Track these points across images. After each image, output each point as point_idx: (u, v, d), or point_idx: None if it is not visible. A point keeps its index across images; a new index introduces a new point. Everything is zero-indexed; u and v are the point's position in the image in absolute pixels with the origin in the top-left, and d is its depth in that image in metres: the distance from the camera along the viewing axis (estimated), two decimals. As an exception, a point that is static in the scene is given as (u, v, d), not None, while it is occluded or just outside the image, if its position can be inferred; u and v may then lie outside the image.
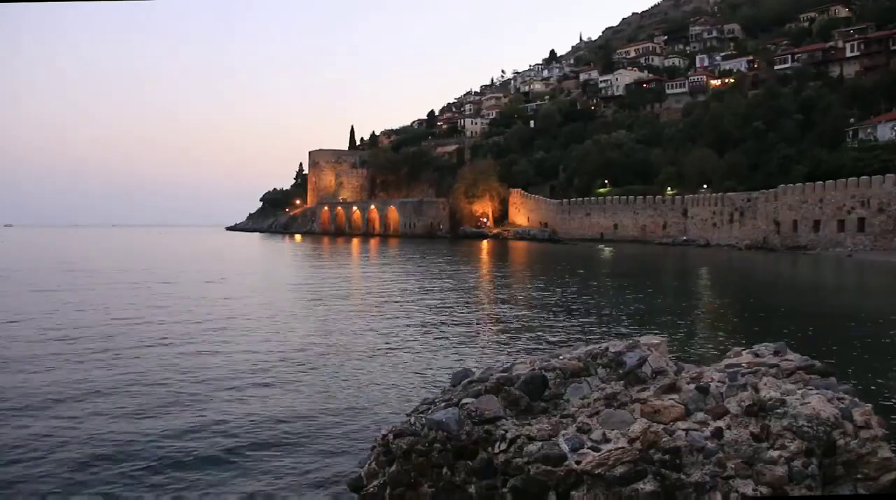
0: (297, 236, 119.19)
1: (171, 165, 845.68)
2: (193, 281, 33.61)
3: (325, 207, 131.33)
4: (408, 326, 18.92)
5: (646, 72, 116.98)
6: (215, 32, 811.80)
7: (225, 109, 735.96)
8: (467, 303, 24.72)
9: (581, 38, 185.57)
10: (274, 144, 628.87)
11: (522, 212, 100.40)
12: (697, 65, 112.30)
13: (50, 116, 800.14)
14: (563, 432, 5.58)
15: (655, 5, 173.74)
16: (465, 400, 6.22)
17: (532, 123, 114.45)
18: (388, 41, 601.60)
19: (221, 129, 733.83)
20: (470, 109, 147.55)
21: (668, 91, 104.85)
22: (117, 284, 31.27)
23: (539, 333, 17.60)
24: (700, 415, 5.46)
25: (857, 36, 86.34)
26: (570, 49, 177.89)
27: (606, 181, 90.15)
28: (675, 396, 5.70)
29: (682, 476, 5.03)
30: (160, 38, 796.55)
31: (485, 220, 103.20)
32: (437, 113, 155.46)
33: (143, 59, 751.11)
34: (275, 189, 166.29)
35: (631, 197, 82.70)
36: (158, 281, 33.02)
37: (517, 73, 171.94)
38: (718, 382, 5.82)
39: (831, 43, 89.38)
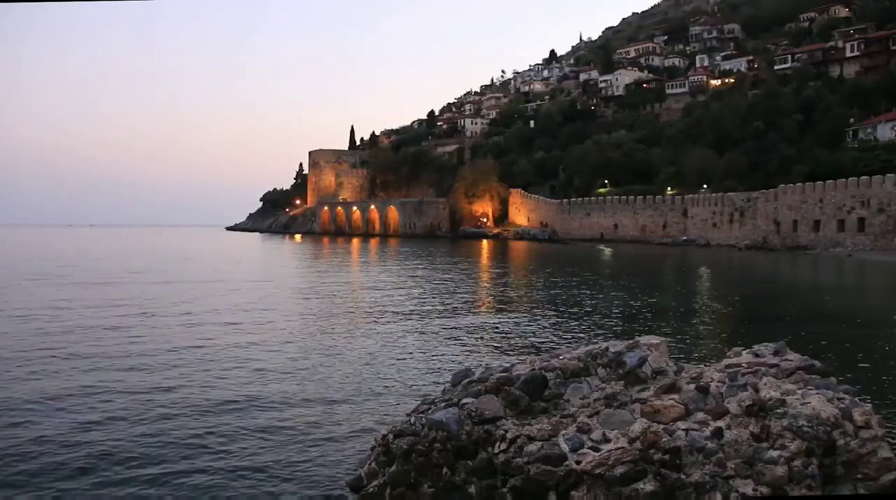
0: (297, 236, 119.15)
1: (170, 164, 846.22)
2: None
3: (325, 207, 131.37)
4: (407, 326, 18.91)
5: (646, 72, 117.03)
6: (215, 33, 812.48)
7: (225, 109, 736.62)
8: (467, 303, 24.72)
9: (581, 38, 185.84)
10: (274, 144, 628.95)
11: (522, 212, 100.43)
12: (697, 65, 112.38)
13: (39, 113, 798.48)
14: (563, 432, 5.58)
15: (655, 5, 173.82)
16: (465, 400, 6.22)
17: (532, 123, 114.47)
18: (387, 41, 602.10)
19: (221, 128, 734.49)
20: (470, 109, 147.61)
21: (668, 91, 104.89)
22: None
23: (539, 333, 17.60)
24: (700, 415, 5.46)
25: (857, 36, 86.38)
26: (570, 49, 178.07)
27: (606, 181, 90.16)
28: (675, 396, 5.70)
29: (682, 476, 5.03)
30: (159, 39, 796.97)
31: (485, 220, 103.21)
32: (437, 113, 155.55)
33: (141, 60, 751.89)
34: (275, 189, 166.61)
35: (631, 197, 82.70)
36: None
37: (517, 73, 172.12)
38: (718, 382, 5.83)
39: (831, 43, 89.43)
